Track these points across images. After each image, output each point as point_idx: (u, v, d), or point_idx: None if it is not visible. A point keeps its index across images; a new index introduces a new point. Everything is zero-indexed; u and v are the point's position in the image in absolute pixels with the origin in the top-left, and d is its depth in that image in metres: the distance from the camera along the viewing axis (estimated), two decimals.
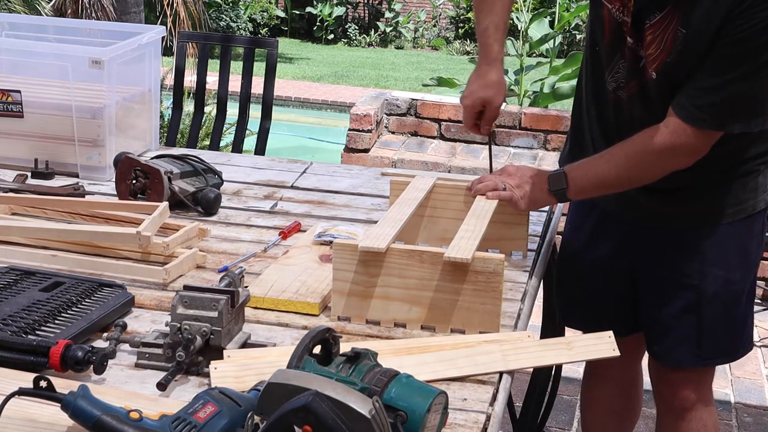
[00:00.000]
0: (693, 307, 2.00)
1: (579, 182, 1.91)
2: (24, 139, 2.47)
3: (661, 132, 1.80)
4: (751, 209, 1.96)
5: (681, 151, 1.80)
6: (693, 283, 1.99)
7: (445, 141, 5.08)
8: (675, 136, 1.79)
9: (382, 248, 1.63)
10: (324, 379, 1.10)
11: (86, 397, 1.17)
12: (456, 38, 15.15)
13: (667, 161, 1.83)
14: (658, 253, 2.03)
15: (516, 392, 2.21)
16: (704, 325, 2.01)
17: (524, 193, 1.94)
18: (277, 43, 3.69)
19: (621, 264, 2.11)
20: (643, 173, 1.87)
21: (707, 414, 2.12)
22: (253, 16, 14.59)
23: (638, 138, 1.83)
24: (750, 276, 2.05)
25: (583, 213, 2.18)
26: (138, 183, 2.16)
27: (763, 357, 3.86)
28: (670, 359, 2.08)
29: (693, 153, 1.81)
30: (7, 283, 1.68)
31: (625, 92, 1.90)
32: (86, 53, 2.41)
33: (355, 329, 1.66)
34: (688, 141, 1.78)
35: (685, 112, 1.77)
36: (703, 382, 2.13)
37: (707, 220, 1.97)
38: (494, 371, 1.51)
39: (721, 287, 1.99)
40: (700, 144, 1.79)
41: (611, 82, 1.93)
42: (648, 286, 2.07)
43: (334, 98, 10.29)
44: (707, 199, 1.94)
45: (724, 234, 1.97)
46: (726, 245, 1.98)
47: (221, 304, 1.45)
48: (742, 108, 1.77)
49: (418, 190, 1.97)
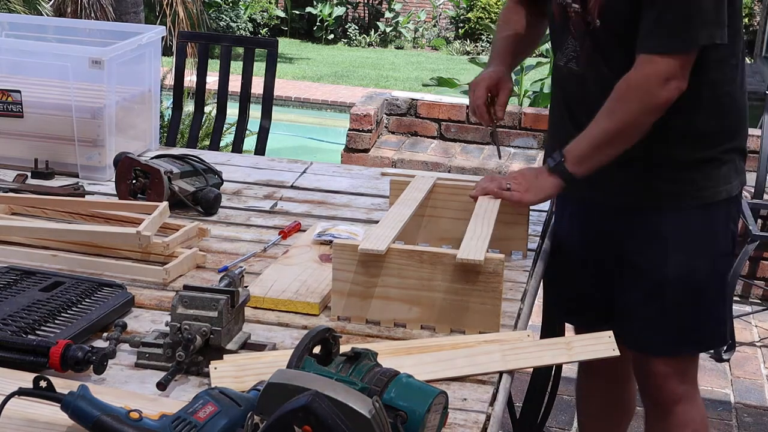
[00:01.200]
0: (656, 291, 2.04)
1: (574, 152, 1.93)
2: (24, 139, 2.47)
3: (634, 72, 1.86)
4: (711, 197, 1.99)
5: (657, 83, 1.84)
6: (652, 268, 2.03)
7: (445, 141, 5.08)
8: (647, 71, 1.84)
9: (382, 250, 1.63)
10: (324, 379, 1.10)
11: (86, 397, 1.17)
12: (456, 38, 15.15)
13: (650, 99, 1.86)
14: (619, 239, 2.08)
15: (516, 392, 2.21)
16: (668, 311, 2.04)
17: (528, 186, 1.96)
18: (277, 43, 3.69)
19: (596, 252, 2.16)
20: (632, 121, 1.88)
21: (694, 409, 2.14)
22: (253, 16, 14.59)
23: (617, 87, 1.88)
24: (718, 267, 2.07)
25: (563, 204, 2.23)
26: (138, 183, 2.16)
27: (763, 357, 3.86)
28: (637, 345, 2.11)
29: (669, 81, 1.84)
30: (7, 283, 1.68)
31: (580, 61, 1.98)
32: (86, 53, 2.41)
33: (355, 329, 1.66)
34: (662, 69, 1.83)
35: (646, 44, 1.84)
36: (685, 375, 2.14)
37: (668, 203, 2.00)
38: (494, 371, 1.51)
39: (683, 273, 2.02)
40: (674, 71, 1.83)
41: (562, 58, 2.02)
42: (615, 272, 2.12)
43: (334, 98, 10.29)
44: (668, 179, 1.98)
45: (685, 219, 2.01)
46: (687, 230, 2.01)
47: (221, 304, 1.45)
48: (697, 20, 1.81)
49: (418, 190, 1.97)
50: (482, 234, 1.73)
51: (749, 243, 3.77)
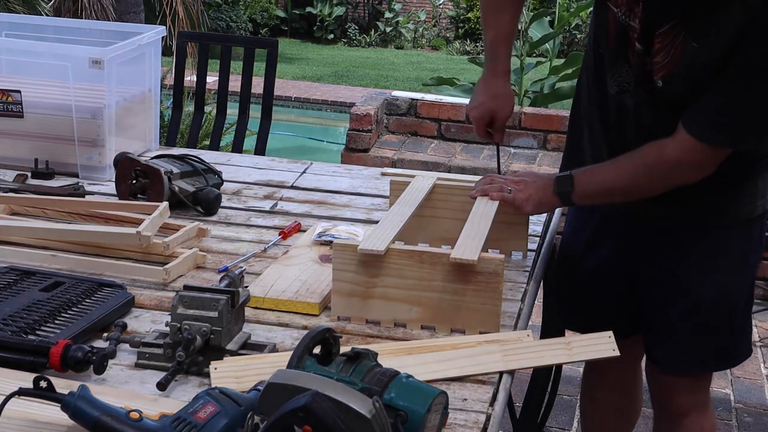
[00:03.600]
0: (691, 311, 1.99)
1: (585, 186, 1.90)
2: (24, 139, 2.47)
3: (671, 147, 1.78)
4: (749, 213, 1.95)
5: (688, 167, 1.79)
6: (690, 287, 1.98)
7: (445, 141, 5.07)
8: (684, 152, 1.77)
9: (381, 250, 1.63)
10: (324, 379, 1.10)
11: (86, 397, 1.17)
12: (456, 38, 15.15)
13: (674, 176, 1.82)
14: (657, 257, 2.02)
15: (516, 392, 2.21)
16: (703, 331, 2.00)
17: (528, 196, 1.92)
18: (277, 43, 3.69)
19: (621, 267, 2.10)
20: (649, 185, 1.86)
21: (704, 418, 2.12)
22: (253, 16, 14.59)
23: (648, 150, 1.82)
24: (748, 281, 2.03)
25: (582, 216, 2.16)
26: (138, 183, 2.16)
27: (763, 357, 3.86)
28: (671, 365, 2.07)
29: (700, 169, 1.80)
30: (7, 283, 1.68)
31: (632, 98, 1.87)
32: (86, 53, 2.41)
33: (355, 329, 1.66)
34: (697, 157, 1.77)
35: (696, 128, 1.75)
36: (701, 387, 2.12)
37: (706, 223, 1.95)
38: (494, 371, 1.51)
39: (719, 292, 1.97)
40: (709, 161, 1.78)
41: (613, 86, 1.90)
42: (647, 290, 2.06)
43: (334, 98, 10.29)
44: (707, 201, 1.92)
45: (723, 238, 1.96)
46: (724, 249, 1.97)
47: (221, 304, 1.45)
48: (754, 126, 1.76)
49: (418, 191, 1.97)
50: (478, 233, 1.73)
51: None
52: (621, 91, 1.89)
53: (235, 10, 13.95)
